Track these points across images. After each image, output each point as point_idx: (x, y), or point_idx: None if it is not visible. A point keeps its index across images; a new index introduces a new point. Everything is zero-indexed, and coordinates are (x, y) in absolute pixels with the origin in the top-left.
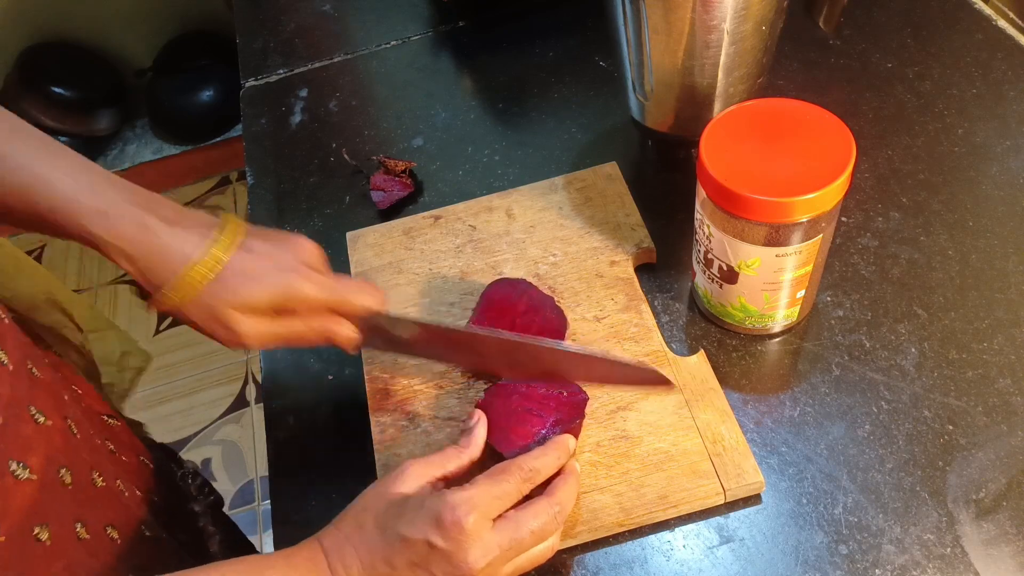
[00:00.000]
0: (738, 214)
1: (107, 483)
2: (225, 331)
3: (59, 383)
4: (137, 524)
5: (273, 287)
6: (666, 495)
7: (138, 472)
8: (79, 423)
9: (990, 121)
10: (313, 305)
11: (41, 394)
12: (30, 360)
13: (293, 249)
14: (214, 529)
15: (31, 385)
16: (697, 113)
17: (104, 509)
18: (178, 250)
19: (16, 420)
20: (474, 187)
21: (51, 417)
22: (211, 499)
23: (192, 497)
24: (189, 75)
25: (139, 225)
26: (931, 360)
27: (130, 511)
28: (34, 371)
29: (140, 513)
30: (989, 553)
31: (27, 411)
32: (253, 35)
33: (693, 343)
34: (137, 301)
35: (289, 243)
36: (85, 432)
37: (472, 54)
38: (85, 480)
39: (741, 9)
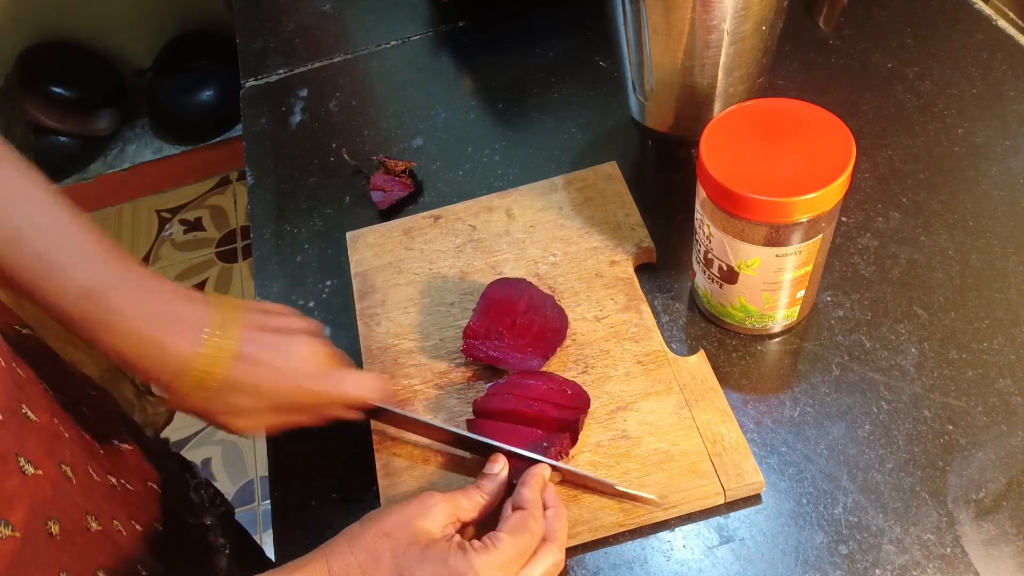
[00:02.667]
0: (738, 214)
1: (103, 526)
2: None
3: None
4: (131, 565)
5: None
6: (666, 495)
7: (143, 502)
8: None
9: (990, 121)
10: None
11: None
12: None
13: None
14: (224, 541)
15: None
16: (697, 113)
17: (95, 554)
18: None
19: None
20: (474, 187)
21: (41, 465)
22: (222, 510)
23: (204, 510)
24: (189, 75)
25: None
26: (931, 360)
27: (124, 552)
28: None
29: (137, 552)
30: (989, 553)
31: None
32: (253, 35)
33: (693, 343)
34: None
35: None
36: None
37: (472, 54)
38: (77, 527)
39: (741, 9)
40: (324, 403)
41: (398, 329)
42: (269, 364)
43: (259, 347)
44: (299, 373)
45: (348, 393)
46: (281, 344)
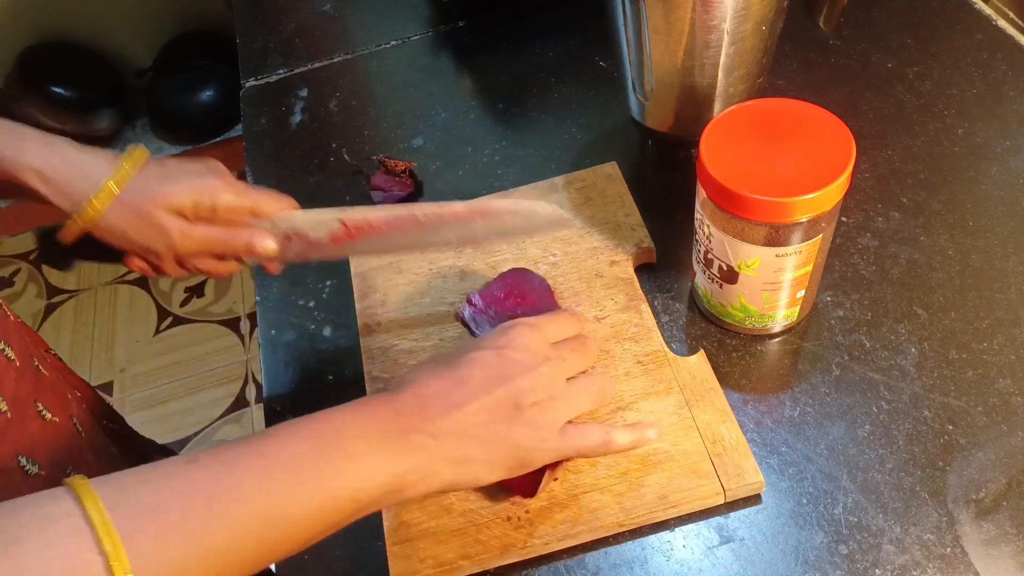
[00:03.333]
0: (738, 214)
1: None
2: (155, 231)
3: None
4: None
5: (192, 187)
6: (666, 495)
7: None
8: (83, 422)
9: (990, 121)
10: (232, 210)
11: (47, 391)
12: (36, 358)
13: (203, 161)
14: None
15: (37, 382)
16: (697, 113)
17: None
18: (91, 167)
19: (22, 417)
20: (474, 187)
21: (57, 414)
22: None
23: None
24: (189, 75)
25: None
26: (931, 360)
27: None
28: (40, 369)
29: None
30: (989, 553)
31: (34, 407)
32: (253, 35)
33: (693, 343)
34: (136, 300)
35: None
36: (89, 432)
37: (472, 54)
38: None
39: (741, 9)
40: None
41: (398, 329)
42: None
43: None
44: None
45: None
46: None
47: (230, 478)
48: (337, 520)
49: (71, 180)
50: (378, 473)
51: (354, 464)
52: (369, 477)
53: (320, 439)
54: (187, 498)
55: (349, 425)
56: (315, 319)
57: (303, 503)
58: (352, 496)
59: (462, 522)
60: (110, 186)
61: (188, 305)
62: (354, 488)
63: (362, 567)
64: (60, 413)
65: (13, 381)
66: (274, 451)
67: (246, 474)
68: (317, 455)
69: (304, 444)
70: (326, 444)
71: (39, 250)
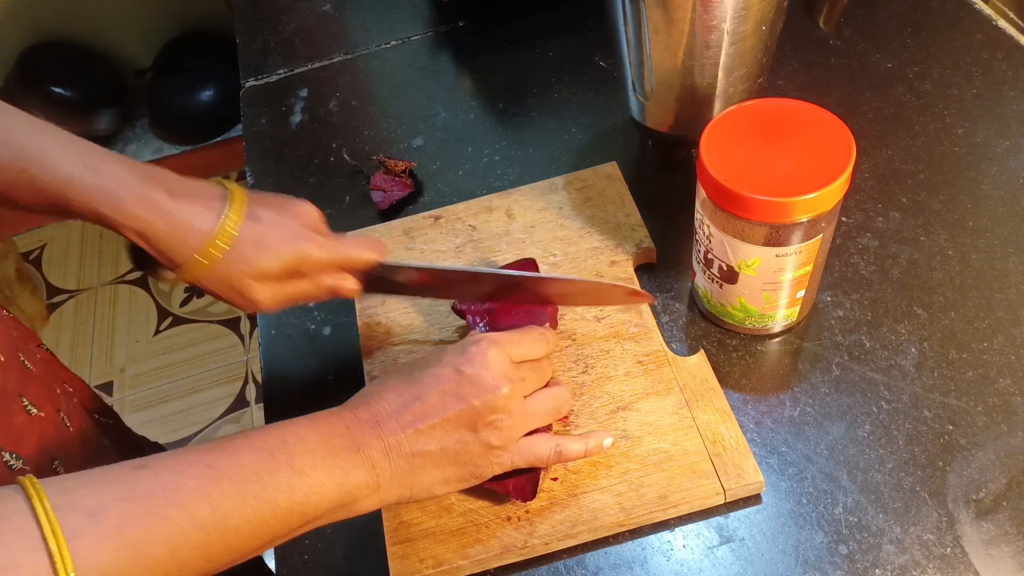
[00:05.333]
0: (738, 214)
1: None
2: (241, 299)
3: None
4: None
5: (285, 255)
6: (666, 495)
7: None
8: (72, 416)
9: (990, 121)
10: (322, 264)
11: (33, 385)
12: (22, 353)
13: (296, 215)
14: None
15: (22, 377)
16: (697, 113)
17: None
18: (190, 226)
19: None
20: (474, 187)
21: (43, 408)
22: None
23: None
24: (189, 75)
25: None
26: (931, 360)
27: None
28: (26, 364)
29: None
30: (989, 553)
31: (19, 402)
32: (253, 35)
33: (693, 343)
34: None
35: (291, 209)
36: (78, 425)
37: (472, 54)
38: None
39: (741, 9)
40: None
41: (398, 329)
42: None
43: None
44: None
45: (350, 255)
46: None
47: (174, 486)
48: (284, 532)
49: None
50: (326, 488)
51: (301, 479)
52: (317, 492)
53: (268, 452)
54: (129, 504)
55: (300, 439)
56: (315, 319)
57: (247, 515)
58: (299, 510)
59: (462, 522)
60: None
61: (188, 305)
62: (301, 502)
63: (362, 567)
64: (47, 407)
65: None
66: (222, 462)
67: (191, 482)
68: (264, 468)
69: (252, 456)
70: (274, 457)
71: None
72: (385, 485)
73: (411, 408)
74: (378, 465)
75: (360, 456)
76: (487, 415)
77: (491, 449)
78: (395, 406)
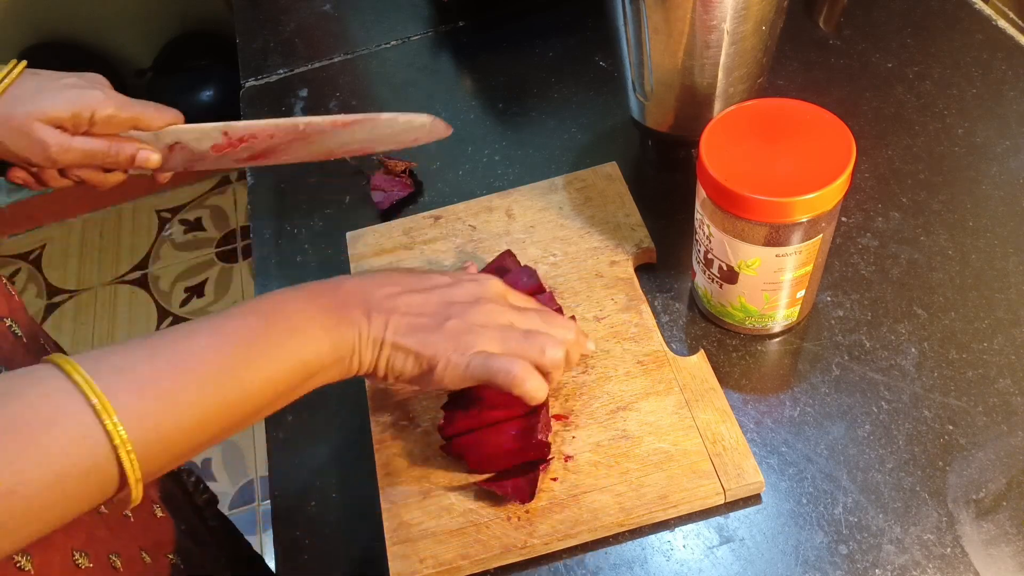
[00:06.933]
0: (738, 214)
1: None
2: (30, 142)
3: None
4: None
5: (71, 99)
6: (666, 495)
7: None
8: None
9: (990, 121)
10: (113, 121)
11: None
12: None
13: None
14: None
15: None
16: (697, 113)
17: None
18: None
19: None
20: (474, 187)
21: None
22: (205, 496)
23: (190, 493)
24: (189, 75)
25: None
26: (931, 360)
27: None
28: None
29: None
30: (989, 553)
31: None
32: (253, 35)
33: (693, 343)
34: (136, 300)
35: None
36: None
37: (472, 54)
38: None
39: (741, 9)
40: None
41: None
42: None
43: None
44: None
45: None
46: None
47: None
48: (290, 384)
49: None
50: (320, 341)
51: (297, 335)
52: (314, 346)
53: (266, 314)
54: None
55: (293, 301)
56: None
57: (256, 368)
58: (300, 361)
59: (462, 522)
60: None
61: (188, 305)
62: (301, 355)
63: (362, 567)
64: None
65: (22, 357)
66: (227, 325)
67: (204, 340)
68: (265, 326)
69: (252, 318)
70: (273, 317)
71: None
72: (363, 347)
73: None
74: (359, 325)
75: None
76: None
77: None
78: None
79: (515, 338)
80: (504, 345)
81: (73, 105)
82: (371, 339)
